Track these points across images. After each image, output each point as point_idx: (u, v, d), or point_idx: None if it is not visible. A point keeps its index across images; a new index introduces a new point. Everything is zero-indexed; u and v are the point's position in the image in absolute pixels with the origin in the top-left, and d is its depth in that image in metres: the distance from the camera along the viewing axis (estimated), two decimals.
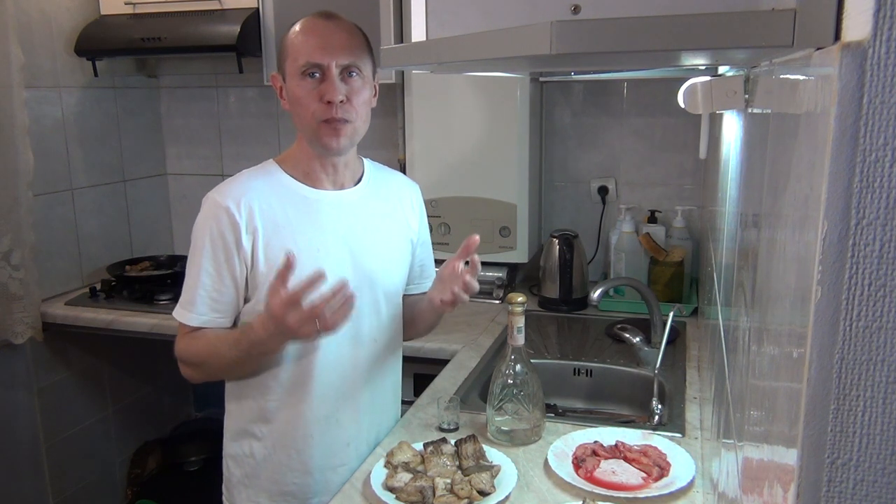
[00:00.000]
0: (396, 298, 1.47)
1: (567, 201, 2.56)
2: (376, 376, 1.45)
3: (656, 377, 1.62)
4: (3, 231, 2.19)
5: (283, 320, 1.15)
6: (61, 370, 2.47)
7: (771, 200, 0.63)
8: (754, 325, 0.70)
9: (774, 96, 0.67)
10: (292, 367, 1.34)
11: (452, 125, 2.28)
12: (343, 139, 1.29)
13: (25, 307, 2.26)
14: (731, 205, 1.16)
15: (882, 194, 0.36)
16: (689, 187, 2.42)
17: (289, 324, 1.15)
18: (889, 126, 0.36)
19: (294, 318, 1.15)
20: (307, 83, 1.27)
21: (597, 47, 0.60)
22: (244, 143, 2.86)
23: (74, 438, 2.52)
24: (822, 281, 0.39)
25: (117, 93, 2.72)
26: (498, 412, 1.41)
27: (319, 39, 1.27)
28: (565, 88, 2.50)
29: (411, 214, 1.50)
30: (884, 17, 0.35)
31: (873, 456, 0.39)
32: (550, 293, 2.30)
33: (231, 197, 1.29)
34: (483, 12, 0.86)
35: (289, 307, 1.15)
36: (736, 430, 0.81)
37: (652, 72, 1.88)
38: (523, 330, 1.40)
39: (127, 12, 2.48)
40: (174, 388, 2.93)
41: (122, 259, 2.66)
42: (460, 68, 1.33)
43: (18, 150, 2.20)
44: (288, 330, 1.17)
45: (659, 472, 1.28)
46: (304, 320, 1.15)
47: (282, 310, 1.15)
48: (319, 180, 1.36)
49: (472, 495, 1.20)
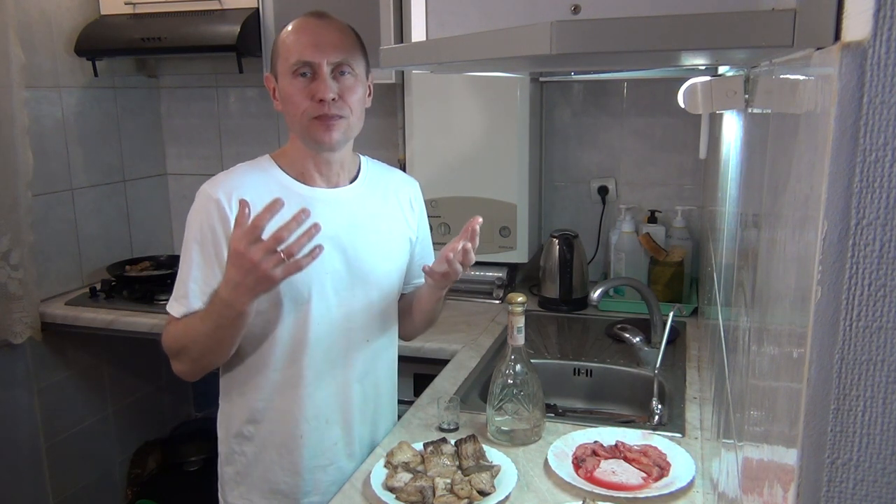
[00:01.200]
0: (392, 297, 1.46)
1: (567, 201, 2.56)
2: (370, 376, 1.43)
3: (656, 377, 1.62)
4: (3, 231, 2.19)
5: (246, 255, 1.12)
6: (61, 370, 2.47)
7: (771, 200, 0.63)
8: (754, 325, 0.70)
9: (774, 96, 0.67)
10: (282, 367, 1.34)
11: (452, 125, 2.28)
12: (336, 133, 1.29)
13: (25, 307, 2.26)
14: (731, 205, 1.16)
15: (882, 194, 0.36)
16: (689, 187, 2.42)
17: (251, 258, 1.12)
18: (889, 126, 0.36)
19: (257, 250, 1.12)
20: (299, 82, 1.27)
21: (597, 47, 0.60)
22: (244, 143, 2.86)
23: (74, 438, 2.52)
24: (822, 281, 0.39)
25: (117, 93, 2.71)
26: (498, 412, 1.41)
27: (311, 38, 1.27)
28: (565, 88, 2.50)
29: (410, 212, 1.49)
30: (884, 17, 0.35)
31: (873, 456, 0.39)
32: (550, 293, 2.30)
33: (223, 190, 1.28)
34: (483, 12, 0.86)
35: (249, 239, 1.12)
36: (736, 430, 0.81)
37: (652, 72, 1.88)
38: (523, 330, 1.40)
39: (127, 12, 2.48)
40: (174, 388, 2.93)
41: (122, 259, 2.66)
42: (460, 68, 1.33)
43: (18, 150, 2.19)
44: (250, 267, 1.13)
45: (659, 472, 1.28)
46: (267, 251, 1.12)
47: (242, 244, 1.12)
48: (313, 178, 1.35)
49: (472, 495, 1.20)
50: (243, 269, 1.14)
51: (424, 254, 1.55)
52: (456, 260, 1.32)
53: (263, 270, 1.13)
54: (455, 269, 1.33)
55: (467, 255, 1.32)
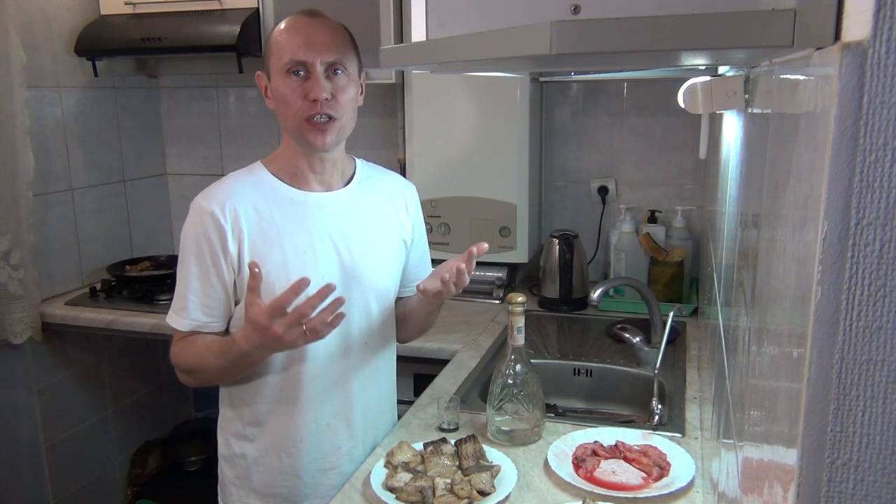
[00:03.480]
0: (388, 300, 1.45)
1: (567, 201, 2.57)
2: (369, 379, 1.43)
3: (656, 377, 1.62)
4: (3, 231, 2.19)
5: (269, 329, 1.16)
6: (61, 370, 2.47)
7: (771, 200, 0.63)
8: (754, 325, 0.70)
9: (774, 96, 0.67)
10: (283, 372, 1.34)
11: (452, 125, 2.28)
12: (329, 136, 1.29)
13: (25, 307, 2.26)
14: (731, 205, 1.16)
15: (882, 194, 0.36)
16: (689, 187, 2.43)
17: (275, 331, 1.16)
18: (889, 126, 0.36)
19: (280, 325, 1.15)
20: (292, 81, 1.27)
21: (597, 47, 0.60)
22: (244, 143, 2.86)
23: (74, 438, 2.52)
24: (822, 281, 0.39)
25: (117, 93, 2.72)
26: (498, 412, 1.41)
27: (304, 37, 1.27)
28: (565, 88, 2.50)
29: (405, 215, 1.48)
30: (884, 17, 0.35)
31: (873, 456, 0.39)
32: (550, 293, 2.30)
33: (216, 201, 1.28)
34: (483, 12, 0.86)
35: (273, 315, 1.15)
36: (736, 430, 0.81)
37: (652, 72, 1.88)
38: (523, 330, 1.40)
39: (127, 12, 2.48)
40: (174, 388, 2.93)
41: (122, 259, 2.66)
42: (460, 68, 1.33)
43: (19, 151, 2.19)
44: (273, 338, 1.17)
45: (659, 472, 1.28)
46: (290, 325, 1.16)
47: (266, 319, 1.15)
48: (306, 180, 1.35)
49: (472, 495, 1.20)
50: (265, 337, 1.18)
51: (419, 257, 1.54)
52: (451, 281, 1.32)
53: (286, 341, 1.18)
54: (448, 290, 1.33)
55: (461, 277, 1.32)
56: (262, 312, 1.16)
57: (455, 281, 1.32)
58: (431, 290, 1.33)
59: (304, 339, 1.18)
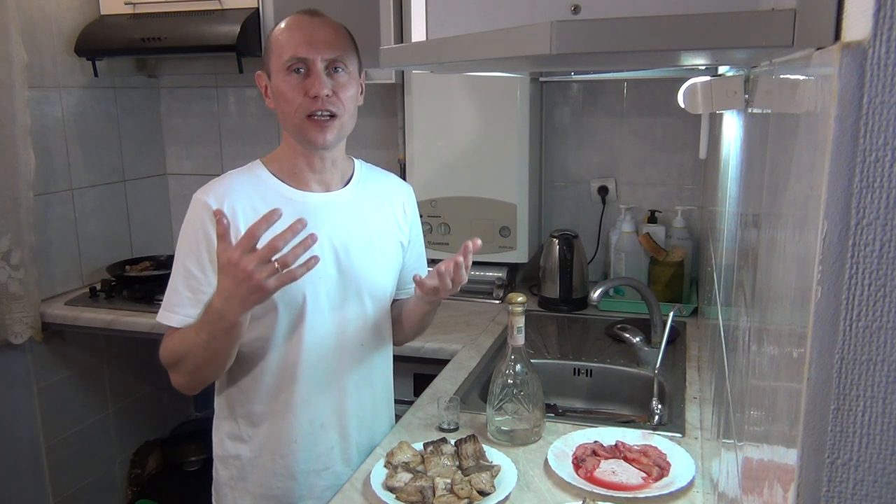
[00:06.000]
0: (384, 302, 1.45)
1: (567, 201, 2.56)
2: (364, 381, 1.43)
3: (656, 377, 1.62)
4: (3, 231, 2.19)
5: (239, 265, 1.10)
6: (61, 370, 2.47)
7: (771, 200, 0.63)
8: (754, 324, 0.70)
9: (774, 96, 0.67)
10: (277, 372, 1.33)
11: (452, 125, 2.28)
12: (329, 133, 1.28)
13: (25, 307, 2.26)
14: (731, 205, 1.16)
15: (882, 194, 0.36)
16: (689, 187, 2.43)
17: (244, 267, 1.10)
18: (889, 126, 0.36)
19: (250, 260, 1.10)
20: (292, 78, 1.27)
21: (597, 47, 0.60)
22: (244, 143, 2.86)
23: (74, 438, 2.52)
24: (822, 281, 0.39)
25: (117, 93, 2.72)
26: (498, 412, 1.41)
27: (304, 35, 1.27)
28: (565, 88, 2.50)
29: (402, 217, 1.47)
30: (884, 17, 0.35)
31: (873, 456, 0.39)
32: (550, 293, 2.30)
33: (215, 197, 1.28)
34: (483, 12, 0.86)
35: (244, 248, 1.10)
36: (736, 430, 0.81)
37: (652, 72, 1.88)
38: (523, 330, 1.40)
39: (127, 12, 2.48)
40: (174, 388, 2.93)
41: (122, 259, 2.66)
42: (460, 68, 1.33)
43: (19, 151, 2.20)
44: (244, 276, 1.10)
45: (659, 472, 1.28)
46: (261, 261, 1.10)
47: (237, 253, 1.10)
48: (305, 180, 1.35)
49: (472, 495, 1.20)
50: (236, 280, 1.12)
51: (416, 260, 1.53)
52: (447, 276, 1.31)
53: (257, 280, 1.11)
54: (445, 285, 1.32)
55: (458, 271, 1.31)
56: (233, 248, 1.11)
57: (453, 277, 1.31)
58: (430, 283, 1.33)
59: (276, 279, 1.11)
